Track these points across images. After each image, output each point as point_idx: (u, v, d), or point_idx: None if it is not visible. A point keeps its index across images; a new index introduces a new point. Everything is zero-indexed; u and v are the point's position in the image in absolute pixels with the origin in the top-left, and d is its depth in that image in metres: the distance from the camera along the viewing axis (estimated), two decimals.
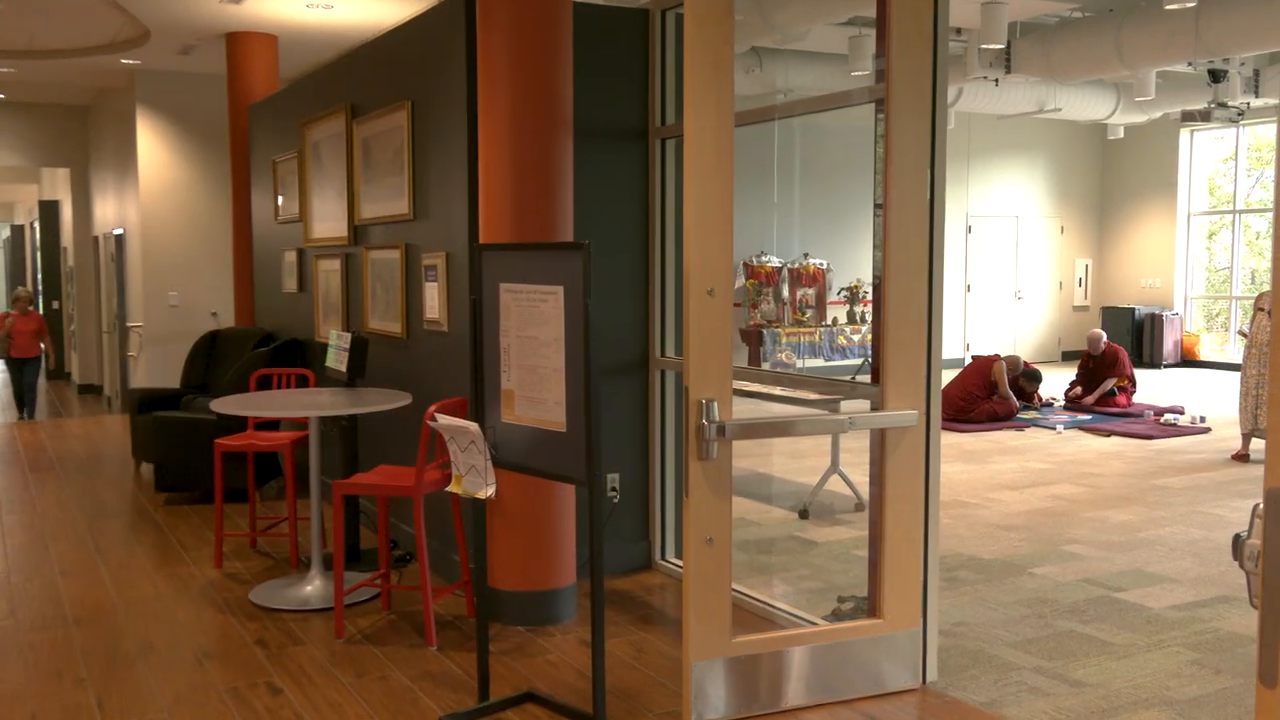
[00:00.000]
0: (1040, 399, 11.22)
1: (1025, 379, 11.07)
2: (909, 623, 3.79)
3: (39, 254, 17.55)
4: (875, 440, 3.74)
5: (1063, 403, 11.36)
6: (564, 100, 4.52)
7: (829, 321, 13.19)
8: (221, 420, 6.78)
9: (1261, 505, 1.52)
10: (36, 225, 18.00)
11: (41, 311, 16.39)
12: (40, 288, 17.51)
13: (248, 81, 9.42)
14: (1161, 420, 10.25)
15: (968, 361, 12.03)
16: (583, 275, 3.42)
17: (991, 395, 10.50)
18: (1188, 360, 15.74)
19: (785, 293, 13.18)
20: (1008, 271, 16.55)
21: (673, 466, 5.38)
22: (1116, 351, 11.44)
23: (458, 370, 5.13)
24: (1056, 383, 12.35)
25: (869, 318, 12.59)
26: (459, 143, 5.03)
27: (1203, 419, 10.17)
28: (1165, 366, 15.34)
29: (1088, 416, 10.53)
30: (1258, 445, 8.70)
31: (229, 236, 11.56)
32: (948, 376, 10.87)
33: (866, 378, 4.03)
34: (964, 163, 15.63)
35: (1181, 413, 10.59)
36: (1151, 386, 11.79)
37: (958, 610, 4.82)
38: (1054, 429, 10.02)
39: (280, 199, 7.94)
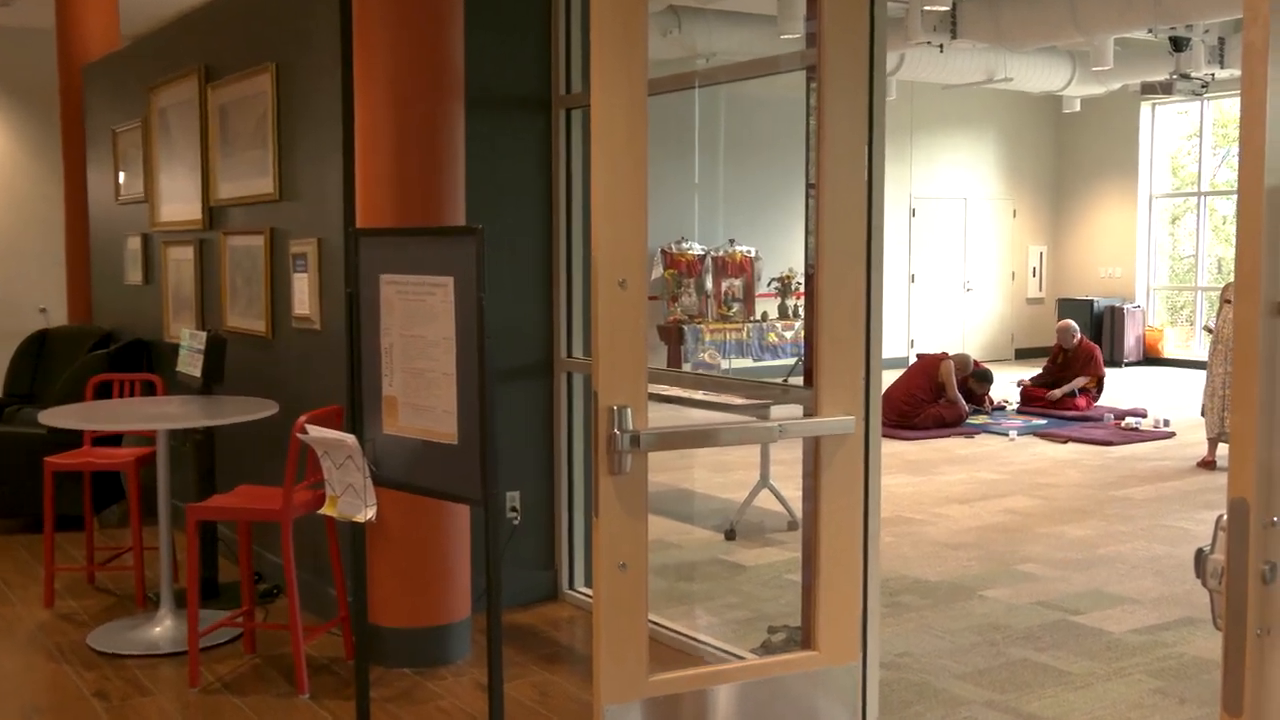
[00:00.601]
0: (992, 402, 11.47)
1: (975, 380, 11.31)
2: (847, 655, 3.84)
3: None
4: (809, 450, 3.78)
5: (1016, 406, 11.64)
6: (453, 63, 4.49)
7: (758, 316, 13.32)
8: (52, 435, 6.61)
9: (1225, 518, 1.57)
10: None
11: None
12: None
13: (81, 38, 9.19)
14: (1122, 424, 10.56)
15: (912, 361, 12.24)
16: (476, 264, 3.41)
17: (938, 398, 10.71)
18: (1150, 357, 16.23)
19: (708, 284, 13.27)
20: (955, 260, 16.89)
21: (581, 483, 5.38)
22: (1091, 349, 11.74)
23: (332, 375, 5.07)
24: (1009, 384, 12.63)
25: (802, 312, 12.74)
26: (332, 111, 4.97)
27: (1166, 423, 10.51)
28: (1127, 365, 15.80)
29: (1043, 421, 10.80)
30: (1225, 451, 9.01)
31: (60, 219, 11.23)
32: (889, 378, 11.02)
33: (800, 380, 4.08)
34: (906, 138, 15.91)
35: (1144, 416, 10.92)
36: (1112, 387, 12.13)
37: (901, 639, 4.91)
38: (1006, 435, 10.26)
39: (122, 176, 7.80)
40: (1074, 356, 11.66)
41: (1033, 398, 11.65)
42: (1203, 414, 8.87)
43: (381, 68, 4.40)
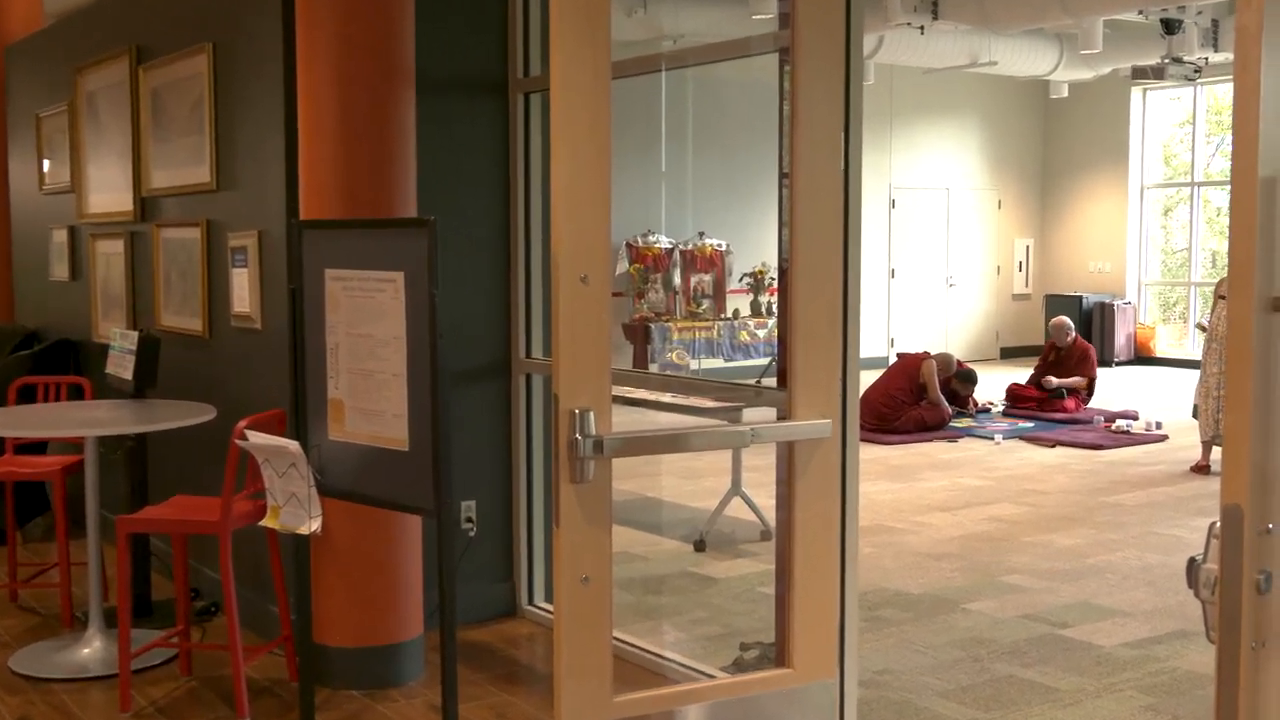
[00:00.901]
0: (976, 404, 11.55)
1: (958, 381, 11.38)
2: (824, 672, 3.85)
3: None
4: (783, 455, 3.79)
5: (1002, 408, 11.73)
6: (403, 44, 4.48)
7: (729, 314, 13.35)
8: None
9: (1219, 524, 1.59)
10: None
11: None
12: None
13: (2, 16, 9.10)
14: (1113, 427, 10.66)
15: (892, 361, 12.31)
16: (428, 258, 3.40)
17: (919, 400, 10.77)
18: (1142, 357, 16.39)
19: (677, 280, 13.29)
20: (938, 254, 17.00)
21: (541, 492, 5.38)
22: (1085, 349, 11.83)
23: (273, 377, 5.05)
24: (995, 385, 12.73)
25: (776, 309, 12.78)
26: (273, 95, 4.95)
27: (1159, 425, 10.62)
28: (1117, 364, 15.95)
29: (1030, 424, 10.88)
30: (1220, 455, 9.11)
31: None
32: (868, 379, 11.09)
33: (773, 381, 4.10)
34: (886, 125, 16.00)
35: (1135, 418, 11.03)
36: (1102, 388, 12.24)
37: (881, 655, 4.93)
38: (992, 439, 10.33)
39: (46, 164, 7.74)
40: (1067, 355, 11.74)
41: (1021, 398, 11.73)
42: (1195, 415, 8.96)
43: (326, 48, 4.38)
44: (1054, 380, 11.47)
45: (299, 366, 3.79)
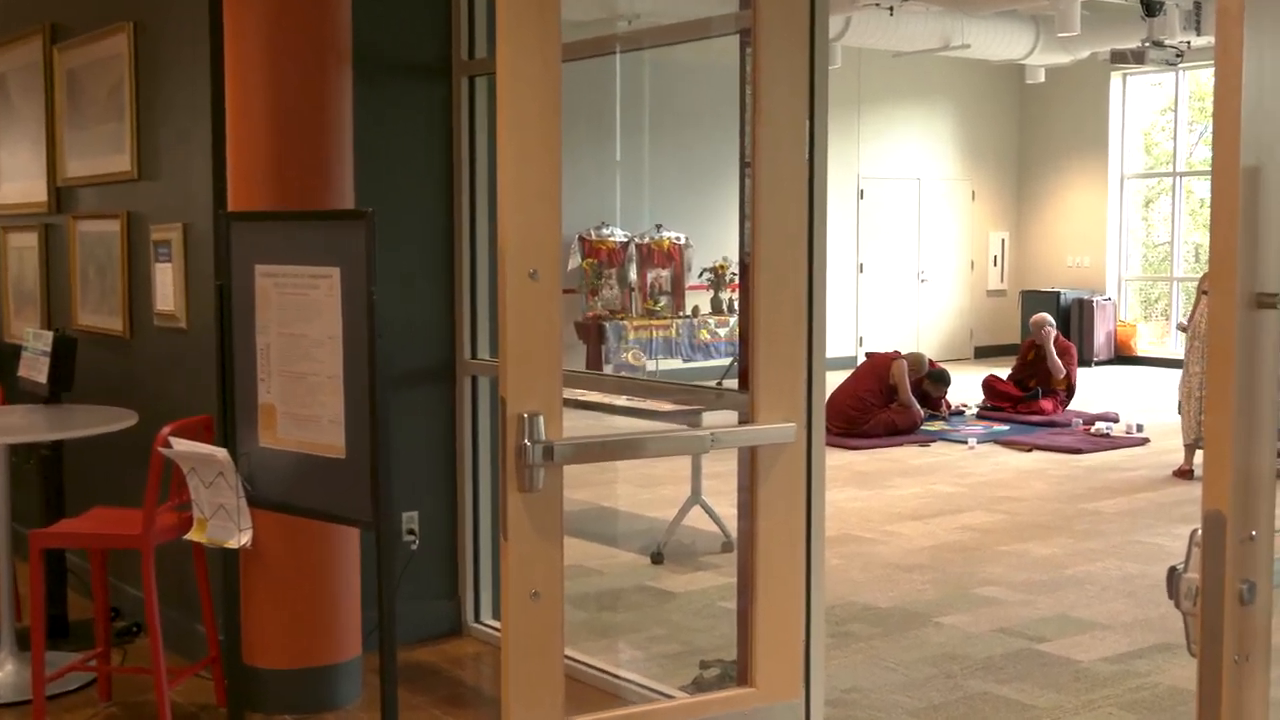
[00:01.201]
0: (949, 406, 11.63)
1: (930, 382, 11.45)
2: (789, 692, 3.86)
3: None
4: (745, 462, 3.80)
5: (976, 410, 11.81)
6: (339, 24, 4.45)
7: (688, 311, 13.37)
8: None
9: (1200, 532, 1.61)
10: None
11: None
12: None
13: None
14: (1092, 430, 10.77)
15: (860, 361, 12.37)
16: (365, 253, 3.38)
17: (889, 402, 10.83)
18: (1122, 356, 16.57)
19: (632, 275, 13.30)
20: (908, 248, 17.11)
21: (488, 501, 5.37)
22: (1067, 348, 11.94)
23: (200, 380, 5.02)
24: (969, 385, 12.82)
25: (738, 307, 12.82)
26: (199, 78, 4.92)
27: (1140, 428, 10.73)
28: (1097, 364, 16.11)
29: (1005, 428, 10.97)
30: (1203, 459, 9.22)
31: None
32: (835, 380, 11.15)
33: (735, 382, 4.11)
34: (853, 112, 16.08)
35: (1115, 421, 11.15)
36: (1081, 389, 12.36)
37: (849, 673, 4.96)
38: (965, 443, 10.41)
39: None
40: (1047, 354, 11.82)
41: (998, 393, 11.80)
42: (1180, 412, 9.04)
43: (256, 27, 4.35)
44: (1054, 363, 11.53)
45: (227, 369, 3.76)
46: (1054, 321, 12.14)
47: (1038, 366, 11.82)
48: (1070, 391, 11.82)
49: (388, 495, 3.46)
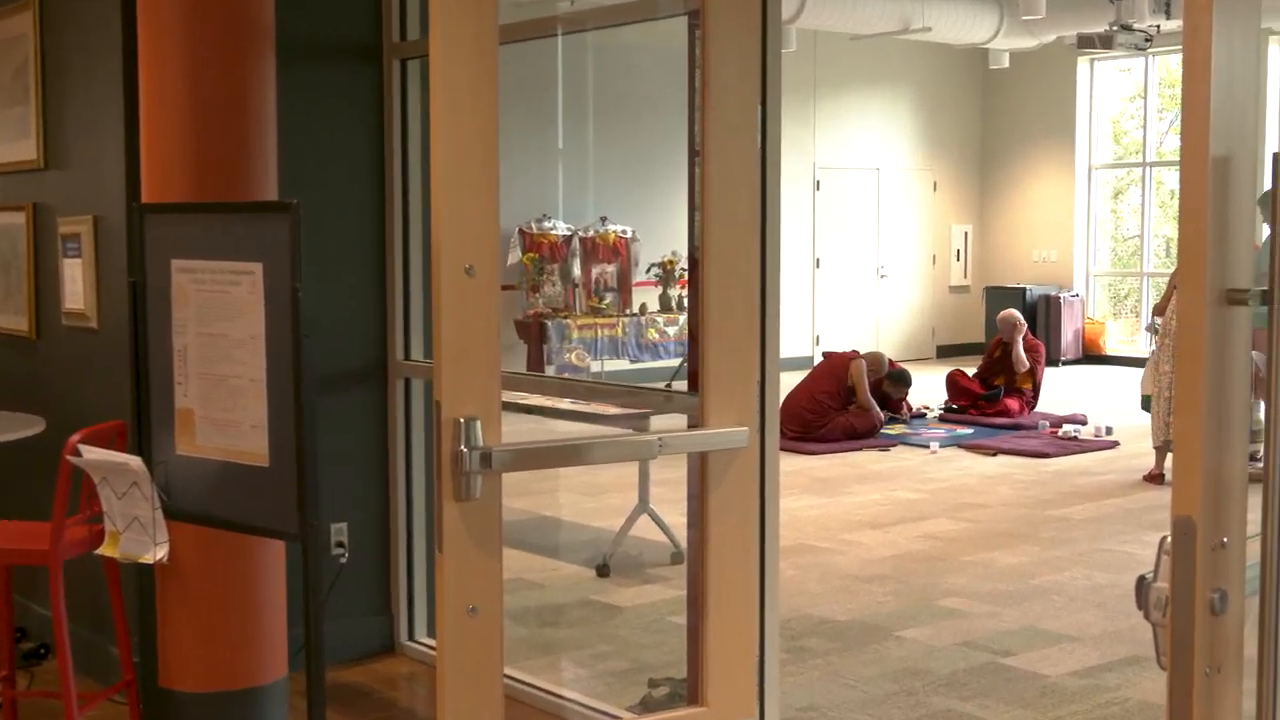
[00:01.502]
0: (910, 408, 11.71)
1: (891, 382, 11.52)
2: (742, 711, 3.88)
3: None
4: (695, 468, 3.81)
5: (939, 412, 11.90)
6: (261, 3, 4.42)
7: (635, 309, 13.37)
8: None
9: (1170, 539, 1.62)
10: None
11: None
12: None
13: None
14: (1060, 433, 10.88)
15: (817, 361, 12.43)
16: (290, 247, 3.37)
17: (848, 404, 10.88)
18: (1091, 355, 16.74)
19: (576, 271, 13.29)
20: (867, 242, 17.21)
21: (422, 512, 5.36)
22: (1035, 346, 12.03)
23: (112, 383, 4.98)
24: (931, 386, 12.91)
25: (687, 304, 12.83)
26: (110, 59, 4.88)
27: (1109, 430, 10.85)
28: (1064, 363, 16.27)
29: (969, 431, 11.06)
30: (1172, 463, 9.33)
31: None
32: (790, 381, 11.19)
33: (684, 384, 4.12)
34: (809, 97, 16.15)
35: (1084, 423, 11.27)
36: (1047, 389, 12.47)
37: (805, 690, 4.98)
38: (927, 447, 10.48)
39: None
40: (1013, 349, 11.89)
41: (963, 390, 11.87)
42: (1145, 408, 9.12)
43: (171, 5, 4.32)
44: (1020, 357, 11.63)
45: (141, 371, 3.73)
46: (1023, 320, 12.20)
47: (1004, 364, 11.91)
48: (1036, 391, 11.91)
49: (315, 505, 3.44)
